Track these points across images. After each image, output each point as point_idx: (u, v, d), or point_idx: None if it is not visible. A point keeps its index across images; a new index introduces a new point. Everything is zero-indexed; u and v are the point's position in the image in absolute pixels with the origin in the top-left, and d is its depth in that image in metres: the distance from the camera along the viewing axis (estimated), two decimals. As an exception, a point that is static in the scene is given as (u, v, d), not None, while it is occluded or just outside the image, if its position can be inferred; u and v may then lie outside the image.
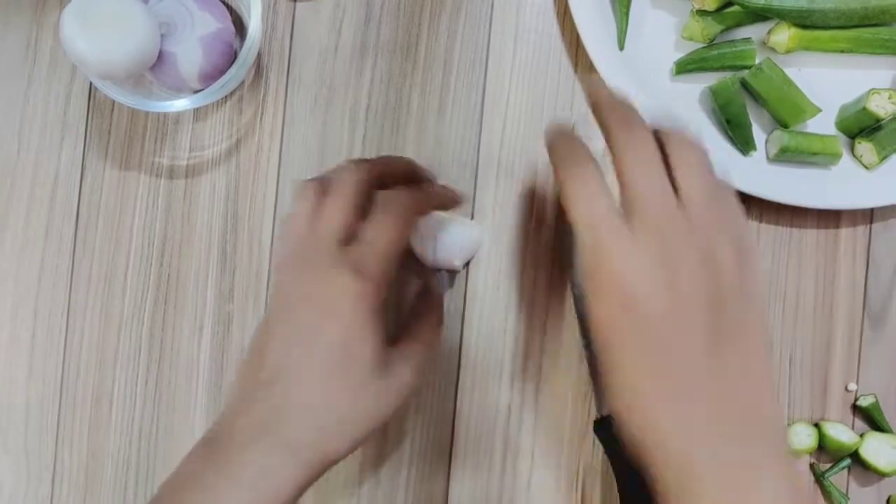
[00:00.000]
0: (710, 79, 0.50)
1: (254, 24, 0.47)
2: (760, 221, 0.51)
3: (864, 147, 0.50)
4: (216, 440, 0.36)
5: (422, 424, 0.51)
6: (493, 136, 0.51)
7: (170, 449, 0.51)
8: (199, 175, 0.52)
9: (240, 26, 0.51)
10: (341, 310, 0.36)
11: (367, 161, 0.42)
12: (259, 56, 0.51)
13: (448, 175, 0.51)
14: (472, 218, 0.51)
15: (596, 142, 0.35)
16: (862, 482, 0.51)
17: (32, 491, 0.51)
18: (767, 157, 0.50)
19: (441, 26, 0.52)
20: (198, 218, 0.52)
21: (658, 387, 0.31)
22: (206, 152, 0.52)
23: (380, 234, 0.37)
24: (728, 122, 0.50)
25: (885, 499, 0.51)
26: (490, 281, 0.51)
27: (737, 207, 0.35)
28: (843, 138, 0.51)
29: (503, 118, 0.51)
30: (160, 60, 0.47)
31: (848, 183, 0.50)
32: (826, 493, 0.50)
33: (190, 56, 0.47)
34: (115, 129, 0.52)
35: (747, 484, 0.30)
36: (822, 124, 0.51)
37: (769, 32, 0.50)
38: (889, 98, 0.49)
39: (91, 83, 0.51)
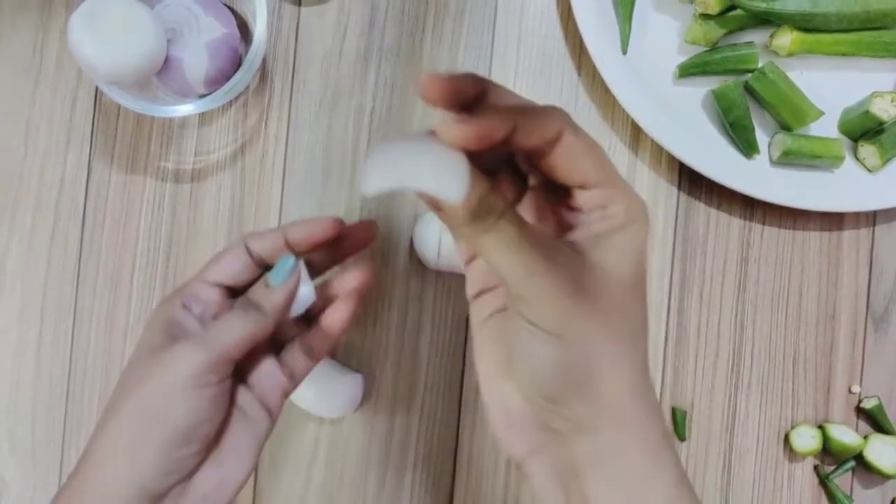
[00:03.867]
0: (713, 82, 0.51)
1: (259, 29, 0.47)
2: (764, 224, 0.52)
3: (867, 150, 0.50)
4: None
5: (426, 427, 0.51)
6: (497, 139, 0.51)
7: (175, 451, 0.51)
8: (205, 179, 0.52)
9: (245, 31, 0.51)
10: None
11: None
12: (264, 61, 0.52)
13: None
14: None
15: None
16: (866, 484, 0.51)
17: (39, 493, 0.51)
18: (770, 161, 0.51)
19: (445, 31, 0.52)
20: (203, 222, 0.52)
21: None
22: (211, 156, 0.52)
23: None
24: (731, 125, 0.50)
25: (889, 500, 0.51)
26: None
27: None
28: (845, 141, 0.51)
29: (507, 122, 0.51)
30: (166, 65, 0.47)
31: (851, 186, 0.50)
32: (830, 494, 0.50)
33: (196, 61, 0.47)
34: (120, 133, 0.52)
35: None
36: (825, 127, 0.51)
37: (771, 36, 0.50)
38: (892, 101, 0.49)
39: (97, 88, 0.51)
